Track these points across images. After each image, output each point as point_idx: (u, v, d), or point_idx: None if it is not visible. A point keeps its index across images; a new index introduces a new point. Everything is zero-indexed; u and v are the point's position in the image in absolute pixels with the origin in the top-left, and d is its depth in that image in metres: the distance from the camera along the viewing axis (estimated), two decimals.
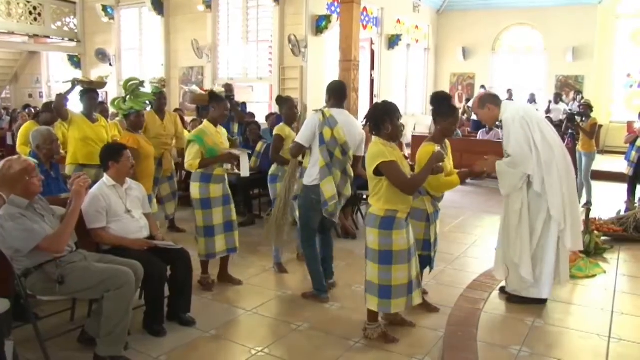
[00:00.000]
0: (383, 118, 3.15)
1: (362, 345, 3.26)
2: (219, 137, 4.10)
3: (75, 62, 12.76)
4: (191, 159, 3.93)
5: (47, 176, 3.95)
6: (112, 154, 3.48)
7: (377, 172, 3.09)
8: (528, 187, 3.55)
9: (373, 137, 3.26)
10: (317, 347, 3.26)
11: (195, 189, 4.04)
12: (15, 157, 2.89)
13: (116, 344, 2.92)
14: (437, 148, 3.20)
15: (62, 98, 4.90)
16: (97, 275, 2.91)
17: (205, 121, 4.13)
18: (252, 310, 3.81)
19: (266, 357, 3.13)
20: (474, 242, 5.62)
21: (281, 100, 4.74)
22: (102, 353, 2.91)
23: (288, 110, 4.58)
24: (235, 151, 4.04)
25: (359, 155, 4.00)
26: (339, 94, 3.96)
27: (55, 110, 4.90)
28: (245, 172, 4.10)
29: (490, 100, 3.71)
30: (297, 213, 4.26)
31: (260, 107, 10.86)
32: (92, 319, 3.11)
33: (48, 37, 12.41)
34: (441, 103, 3.54)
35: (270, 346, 3.24)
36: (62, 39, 12.62)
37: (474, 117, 12.00)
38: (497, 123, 3.75)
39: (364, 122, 3.36)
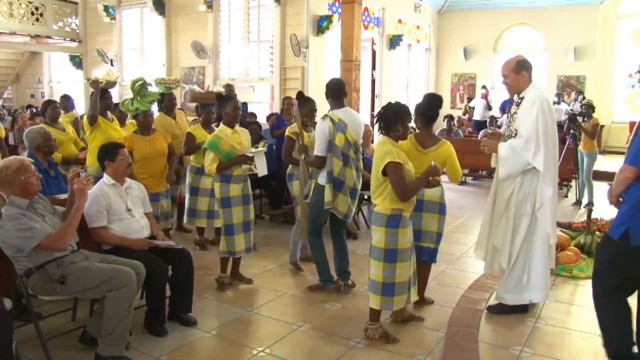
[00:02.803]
0: (395, 119, 3.18)
1: (364, 345, 3.26)
2: (237, 137, 4.10)
3: (77, 62, 12.76)
4: (209, 164, 4.02)
5: (45, 175, 3.96)
6: (107, 153, 3.50)
7: (384, 171, 3.13)
8: (522, 180, 3.42)
9: (381, 136, 3.30)
10: (318, 347, 3.26)
11: (216, 189, 4.11)
12: (12, 157, 2.90)
13: (117, 344, 2.93)
14: (434, 163, 3.21)
15: (96, 107, 4.67)
16: (99, 275, 2.92)
17: (221, 124, 4.16)
18: (254, 310, 3.82)
19: (267, 357, 3.13)
20: (474, 242, 5.60)
21: (303, 99, 4.51)
22: (103, 353, 2.92)
23: (308, 112, 4.43)
24: (248, 152, 4.05)
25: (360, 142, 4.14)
26: (336, 92, 4.00)
27: (89, 118, 4.74)
28: (262, 171, 4.12)
29: (527, 70, 3.46)
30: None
31: (261, 107, 10.85)
32: (94, 319, 3.12)
33: (50, 37, 12.40)
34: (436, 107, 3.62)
35: (271, 346, 3.24)
36: (64, 39, 12.62)
37: (475, 117, 12.00)
38: (517, 99, 3.50)
39: (375, 121, 3.36)
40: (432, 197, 3.60)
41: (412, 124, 3.47)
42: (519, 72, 3.44)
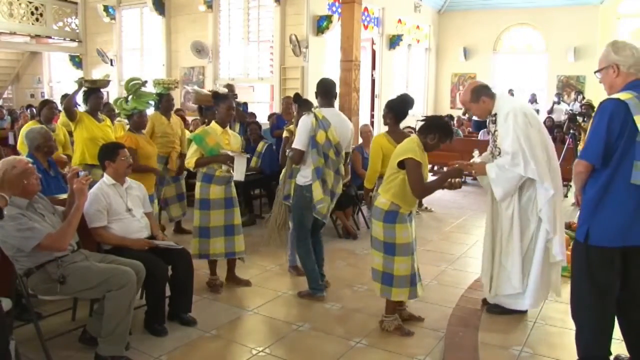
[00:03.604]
0: (435, 131, 3.23)
1: (364, 345, 3.26)
2: (226, 137, 4.06)
3: (77, 62, 12.77)
4: (189, 157, 3.98)
5: (45, 175, 3.96)
6: (108, 153, 3.50)
7: (401, 165, 3.19)
8: (519, 192, 3.34)
9: (412, 134, 3.37)
10: (317, 347, 3.26)
11: (197, 188, 4.06)
12: (11, 157, 2.89)
13: (117, 344, 2.93)
14: (457, 163, 3.27)
15: (72, 99, 4.86)
16: (99, 275, 2.92)
17: (213, 122, 4.12)
18: (253, 310, 3.82)
19: (267, 357, 3.13)
20: (475, 242, 5.61)
21: (301, 101, 4.40)
22: (103, 352, 2.91)
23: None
24: (231, 153, 3.98)
25: (348, 151, 4.12)
26: (326, 92, 3.98)
27: (65, 112, 4.87)
28: (238, 176, 3.99)
29: (485, 92, 3.39)
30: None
31: (262, 107, 10.86)
32: (94, 319, 3.11)
33: (49, 37, 12.42)
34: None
35: (271, 346, 3.25)
36: (64, 39, 12.64)
37: (475, 117, 11.99)
38: (491, 117, 3.44)
39: (422, 118, 3.38)
40: None
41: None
42: (477, 100, 3.39)
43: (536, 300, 3.47)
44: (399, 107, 3.95)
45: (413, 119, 13.16)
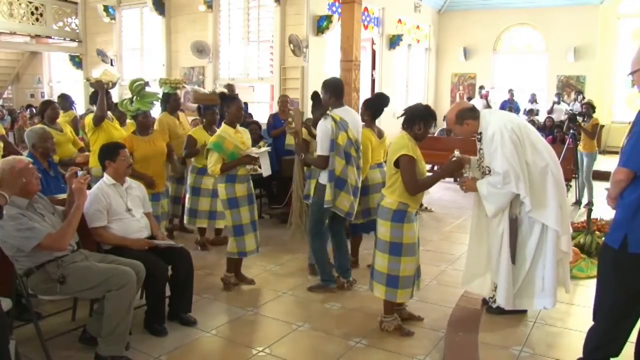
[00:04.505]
0: (419, 120, 3.27)
1: (364, 345, 3.26)
2: (240, 137, 4.10)
3: (77, 62, 12.76)
4: (212, 165, 3.97)
5: (45, 175, 3.95)
6: (108, 153, 3.50)
7: (397, 164, 3.21)
8: (510, 209, 3.32)
9: (401, 131, 3.36)
10: (318, 347, 3.26)
11: (222, 190, 4.06)
12: (11, 157, 2.89)
13: (117, 344, 2.93)
14: (457, 153, 3.27)
15: (103, 109, 4.71)
16: (98, 275, 2.92)
17: (223, 124, 4.12)
18: (253, 310, 3.82)
19: (267, 357, 3.13)
20: None
21: (318, 101, 4.34)
22: (103, 352, 2.92)
23: (319, 115, 4.21)
24: (253, 153, 4.05)
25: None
26: (338, 91, 4.03)
27: (99, 118, 4.75)
28: (266, 171, 4.16)
29: (469, 115, 3.38)
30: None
31: (262, 107, 10.86)
32: (94, 319, 3.12)
33: (49, 37, 12.41)
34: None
35: (271, 346, 3.25)
36: (64, 39, 12.63)
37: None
38: (476, 135, 3.43)
39: (401, 114, 3.40)
40: (376, 179, 4.34)
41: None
42: (462, 123, 3.39)
43: (555, 298, 3.41)
44: (375, 105, 4.34)
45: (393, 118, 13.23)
